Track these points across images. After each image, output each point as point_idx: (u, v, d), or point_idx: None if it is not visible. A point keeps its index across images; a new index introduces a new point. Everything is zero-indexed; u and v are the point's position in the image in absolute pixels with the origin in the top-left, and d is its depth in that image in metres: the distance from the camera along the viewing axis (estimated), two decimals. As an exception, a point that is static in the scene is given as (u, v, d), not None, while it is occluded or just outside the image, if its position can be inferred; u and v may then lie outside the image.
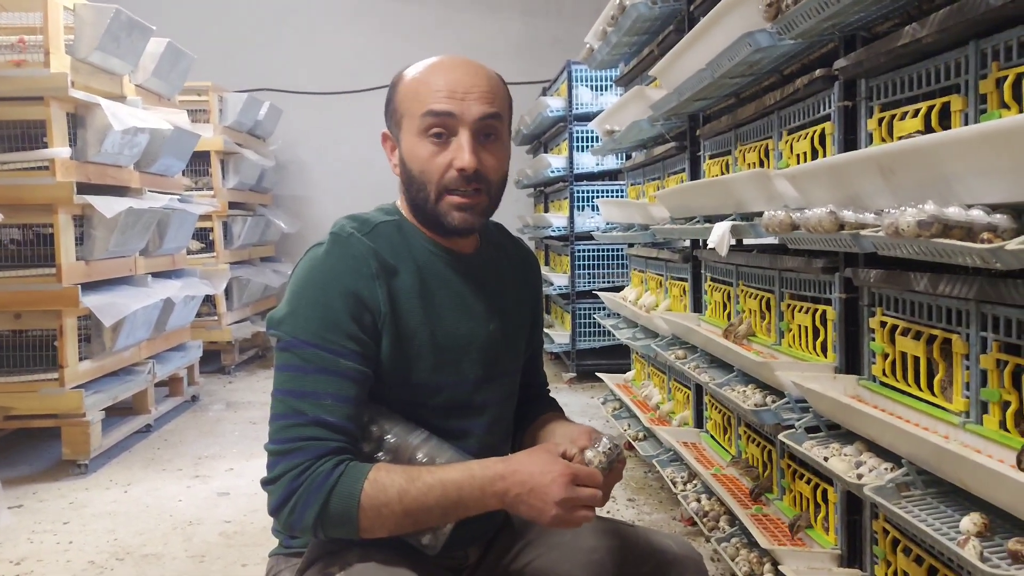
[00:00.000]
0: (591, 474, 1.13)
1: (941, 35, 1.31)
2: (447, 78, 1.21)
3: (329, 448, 1.13)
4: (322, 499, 1.11)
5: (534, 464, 1.12)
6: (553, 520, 1.11)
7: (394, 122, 1.27)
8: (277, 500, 1.13)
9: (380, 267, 1.20)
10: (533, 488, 1.11)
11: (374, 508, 1.11)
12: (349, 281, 1.18)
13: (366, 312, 1.18)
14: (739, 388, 2.03)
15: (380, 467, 1.14)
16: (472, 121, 1.20)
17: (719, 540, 2.15)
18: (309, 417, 1.14)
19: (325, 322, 1.16)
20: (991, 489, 1.10)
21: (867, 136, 1.59)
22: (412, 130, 1.22)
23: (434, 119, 1.20)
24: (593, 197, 4.94)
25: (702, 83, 2.16)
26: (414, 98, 1.22)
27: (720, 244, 1.98)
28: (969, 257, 1.06)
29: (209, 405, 4.58)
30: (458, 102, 1.20)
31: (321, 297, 1.17)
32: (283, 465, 1.13)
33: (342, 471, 1.12)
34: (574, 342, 4.98)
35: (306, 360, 1.15)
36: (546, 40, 6.81)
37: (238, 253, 5.65)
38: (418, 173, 1.22)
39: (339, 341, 1.16)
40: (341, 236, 1.22)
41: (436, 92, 1.20)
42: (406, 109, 1.23)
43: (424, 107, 1.20)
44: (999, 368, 1.24)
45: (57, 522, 2.81)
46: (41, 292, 3.24)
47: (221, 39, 6.54)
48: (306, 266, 1.21)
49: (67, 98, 3.23)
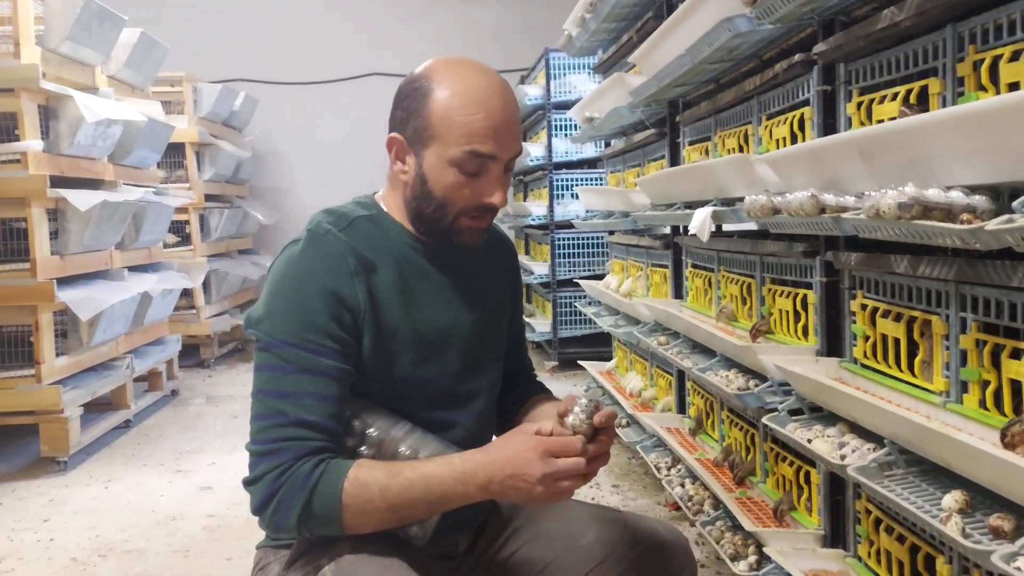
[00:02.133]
0: (566, 444, 1.10)
1: (919, 19, 1.32)
2: (490, 114, 1.18)
3: (310, 448, 1.13)
4: (304, 499, 1.11)
5: (510, 447, 1.12)
6: (539, 498, 1.11)
7: (417, 136, 1.21)
8: (259, 500, 1.13)
9: (358, 263, 1.20)
10: (513, 472, 1.10)
11: (357, 505, 1.11)
12: (327, 279, 1.17)
13: (345, 310, 1.17)
14: (722, 373, 2.04)
15: (361, 464, 1.14)
16: (507, 161, 1.21)
17: (704, 524, 2.17)
18: (290, 417, 1.14)
19: (304, 322, 1.15)
20: (973, 466, 1.12)
21: (846, 120, 1.60)
22: (444, 156, 1.18)
23: (476, 159, 1.18)
24: (572, 185, 4.93)
25: (682, 69, 2.17)
26: (453, 125, 1.17)
27: (701, 230, 1.99)
28: (949, 238, 1.07)
29: (189, 399, 4.54)
30: (499, 144, 1.19)
31: (299, 296, 1.16)
32: (264, 465, 1.13)
33: (323, 470, 1.12)
34: (555, 331, 4.99)
35: (286, 360, 1.15)
36: (521, 28, 6.77)
37: (215, 246, 5.59)
38: (441, 196, 1.21)
39: (319, 340, 1.15)
40: (318, 233, 1.21)
41: (481, 130, 1.17)
42: (441, 132, 1.18)
43: (468, 144, 1.17)
44: (978, 348, 1.25)
45: (37, 519, 2.78)
46: (15, 287, 3.20)
47: (194, 29, 6.45)
48: (283, 264, 1.20)
49: (38, 89, 3.17)
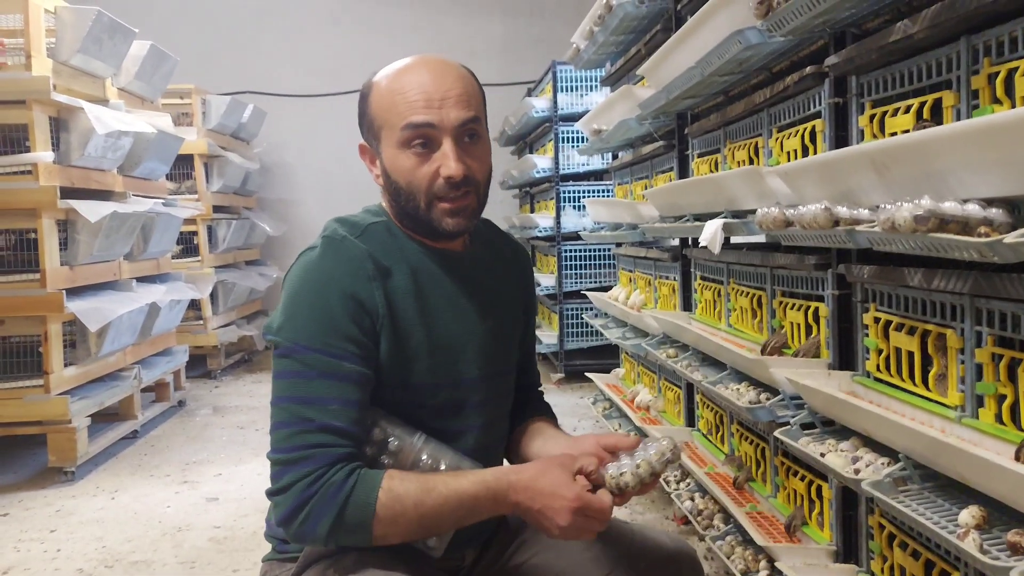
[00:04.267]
0: (601, 509, 1.13)
1: (932, 31, 1.31)
2: (421, 86, 1.19)
3: (340, 455, 1.12)
4: (337, 509, 1.09)
5: (547, 482, 1.14)
6: (555, 535, 1.15)
7: (372, 134, 1.24)
8: (287, 510, 1.11)
9: (376, 268, 1.19)
10: (542, 508, 1.13)
11: (390, 518, 1.11)
12: (347, 283, 1.17)
13: (365, 314, 1.17)
14: (732, 386, 2.03)
15: (392, 475, 1.13)
16: (453, 128, 1.18)
17: (714, 538, 2.15)
18: (316, 423, 1.12)
19: (325, 326, 1.15)
20: (990, 481, 1.10)
21: (859, 133, 1.60)
22: (392, 142, 1.20)
23: (414, 131, 1.18)
24: (579, 197, 4.94)
25: (691, 81, 2.16)
26: (390, 109, 1.19)
27: (712, 242, 1.98)
28: (967, 251, 1.07)
29: (196, 410, 4.54)
30: (436, 111, 1.18)
31: (319, 301, 1.16)
32: (292, 474, 1.11)
33: (356, 480, 1.11)
34: (562, 342, 4.98)
35: (308, 365, 1.14)
36: (528, 41, 6.80)
37: (223, 257, 5.60)
38: (405, 185, 1.21)
39: (341, 344, 1.15)
40: (334, 239, 1.21)
41: (412, 103, 1.18)
42: (383, 121, 1.21)
43: (403, 120, 1.18)
44: (994, 362, 1.24)
45: (44, 530, 2.78)
46: (25, 298, 3.21)
47: (203, 41, 6.49)
48: (301, 270, 1.20)
49: (49, 101, 3.19)
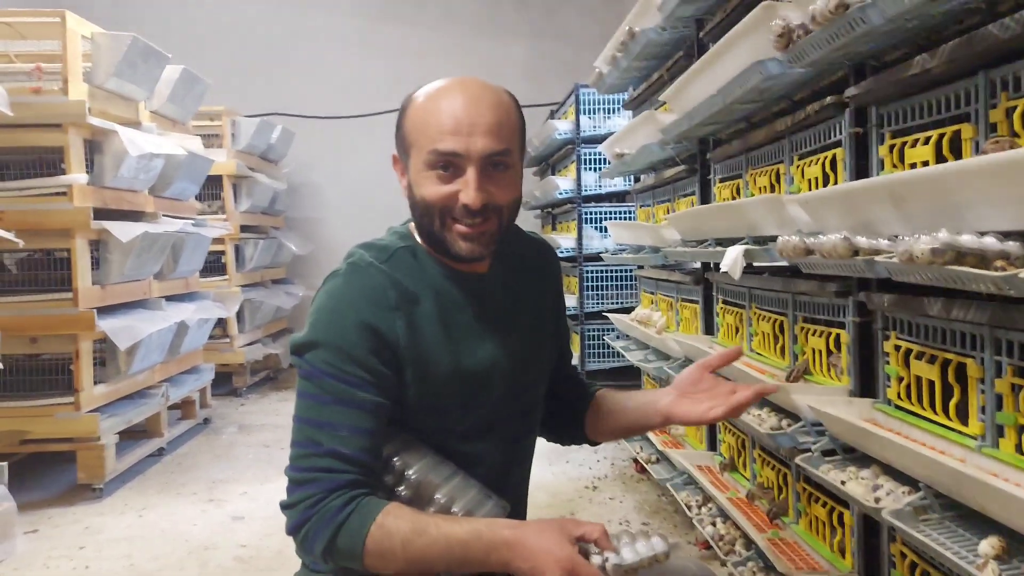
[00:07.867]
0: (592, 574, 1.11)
1: (950, 65, 1.33)
2: (452, 112, 1.19)
3: (342, 481, 1.15)
4: (330, 534, 1.14)
5: (542, 542, 1.12)
6: None
7: (403, 149, 1.26)
8: (292, 526, 1.18)
9: (400, 297, 1.21)
10: (534, 567, 1.11)
11: (377, 552, 1.14)
12: (366, 314, 1.19)
13: (383, 345, 1.19)
14: (754, 411, 2.04)
15: (390, 511, 1.15)
16: (479, 159, 1.19)
17: (735, 564, 2.15)
18: (324, 448, 1.16)
19: (342, 353, 1.17)
20: (1010, 513, 1.11)
21: (879, 162, 1.61)
22: (419, 161, 1.22)
23: (439, 157, 1.19)
24: (601, 219, 4.97)
25: (713, 108, 2.19)
26: (422, 130, 1.21)
27: (733, 268, 2.00)
28: (984, 284, 1.08)
29: (222, 428, 4.59)
30: (464, 139, 1.18)
31: (338, 328, 1.19)
32: (299, 494, 1.17)
33: (352, 509, 1.14)
34: (583, 363, 4.99)
35: (324, 390, 1.17)
36: (552, 64, 6.87)
37: (250, 276, 5.68)
38: (423, 202, 1.23)
39: (356, 372, 1.17)
40: (360, 266, 1.23)
41: (442, 128, 1.19)
42: (414, 140, 1.23)
43: (431, 143, 1.19)
44: (1014, 392, 1.25)
45: (73, 547, 2.82)
46: (57, 316, 3.27)
47: (234, 64, 6.62)
48: (325, 296, 1.23)
49: (84, 124, 3.27)
